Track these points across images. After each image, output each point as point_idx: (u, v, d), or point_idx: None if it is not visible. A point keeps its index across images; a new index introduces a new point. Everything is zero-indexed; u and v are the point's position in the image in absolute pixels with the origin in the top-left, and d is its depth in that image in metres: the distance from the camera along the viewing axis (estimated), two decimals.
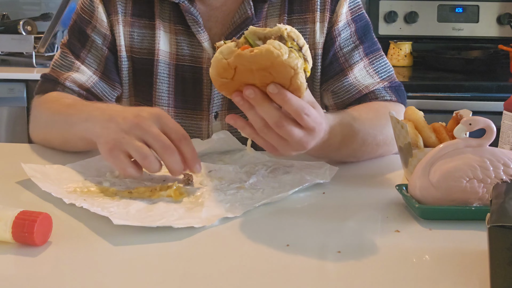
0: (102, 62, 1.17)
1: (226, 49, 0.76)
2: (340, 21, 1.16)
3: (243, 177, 0.94)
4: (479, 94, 2.23)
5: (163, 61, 1.17)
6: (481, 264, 0.66)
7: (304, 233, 0.76)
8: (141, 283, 0.63)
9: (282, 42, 0.75)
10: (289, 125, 0.78)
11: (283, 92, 0.76)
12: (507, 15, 2.76)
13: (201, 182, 0.92)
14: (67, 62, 1.18)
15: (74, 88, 1.15)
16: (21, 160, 0.92)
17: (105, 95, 1.18)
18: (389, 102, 1.15)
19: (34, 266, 0.66)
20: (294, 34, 0.76)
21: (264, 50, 0.73)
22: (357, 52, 1.17)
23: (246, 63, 0.75)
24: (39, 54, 2.42)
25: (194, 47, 1.16)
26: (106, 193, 0.85)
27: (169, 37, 1.17)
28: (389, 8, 2.78)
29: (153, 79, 1.17)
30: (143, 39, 1.18)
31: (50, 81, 1.17)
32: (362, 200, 0.89)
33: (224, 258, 0.69)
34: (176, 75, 1.17)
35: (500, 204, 0.61)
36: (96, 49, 1.17)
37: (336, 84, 1.17)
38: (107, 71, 1.17)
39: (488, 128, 0.80)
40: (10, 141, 2.36)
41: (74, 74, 1.16)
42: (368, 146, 1.04)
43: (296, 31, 0.77)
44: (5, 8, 2.83)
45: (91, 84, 1.16)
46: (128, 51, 1.18)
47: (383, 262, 0.68)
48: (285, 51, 0.74)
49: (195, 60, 1.17)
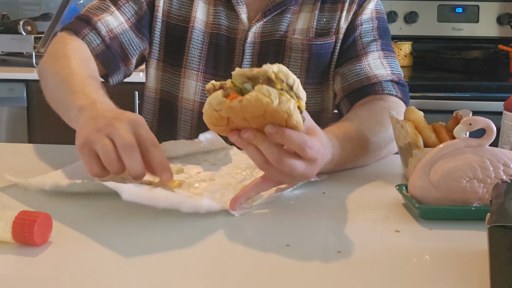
0: (139, 15, 1.23)
1: (214, 100, 0.73)
2: (365, 13, 1.23)
3: (236, 177, 0.95)
4: (479, 94, 2.23)
5: (198, 29, 1.24)
6: (481, 264, 0.66)
7: (304, 233, 0.76)
8: (141, 282, 0.63)
9: (271, 85, 0.72)
10: (289, 159, 0.76)
11: (282, 131, 0.73)
12: (507, 15, 2.76)
13: (192, 183, 0.92)
14: (103, 5, 1.22)
15: (102, 31, 1.17)
16: (21, 160, 0.92)
17: (131, 45, 1.22)
18: (393, 98, 1.16)
19: (34, 266, 0.66)
20: (282, 75, 0.72)
21: (253, 100, 0.71)
22: (375, 44, 1.22)
23: (238, 114, 0.73)
24: (39, 54, 2.42)
25: (231, 19, 1.24)
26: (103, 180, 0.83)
27: (207, 8, 1.25)
28: (389, 8, 2.78)
29: (186, 44, 1.24)
30: (181, 6, 1.25)
31: (82, 20, 1.19)
32: (362, 200, 0.89)
33: (224, 258, 0.69)
34: (210, 43, 1.24)
35: (500, 204, 0.61)
36: (135, 1, 1.23)
37: (349, 67, 1.21)
38: (139, 24, 1.23)
39: (488, 128, 0.80)
40: (10, 141, 2.36)
41: (108, 17, 1.20)
42: (371, 153, 1.04)
43: (285, 69, 0.73)
44: (5, 8, 2.83)
45: (120, 31, 1.20)
46: (165, 15, 1.25)
47: (383, 262, 0.68)
48: (275, 96, 0.71)
49: (230, 31, 1.24)
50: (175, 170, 0.98)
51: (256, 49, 1.23)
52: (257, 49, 1.23)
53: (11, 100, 2.34)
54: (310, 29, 1.23)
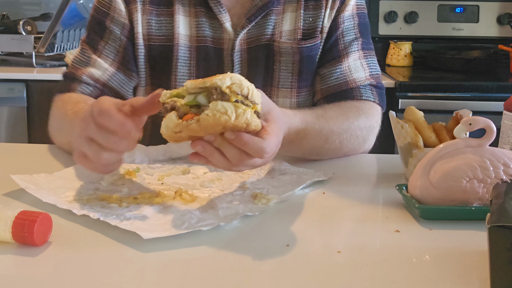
0: (120, 52, 1.19)
1: (171, 123, 0.72)
2: (347, 10, 1.21)
3: (242, 176, 0.95)
4: (479, 94, 2.24)
5: (183, 45, 1.19)
6: (481, 264, 0.66)
7: (304, 233, 0.76)
8: (141, 282, 0.63)
9: (225, 98, 0.71)
10: (249, 160, 0.78)
11: (240, 138, 0.74)
12: (507, 15, 2.76)
13: (201, 184, 0.92)
14: (85, 57, 1.19)
15: (90, 82, 1.16)
16: (21, 160, 0.92)
17: (122, 87, 1.19)
18: (370, 104, 1.17)
19: (34, 266, 0.66)
20: (236, 87, 0.72)
21: (211, 119, 0.70)
22: (356, 43, 1.21)
23: (197, 132, 0.73)
24: (39, 54, 2.42)
25: (216, 28, 1.19)
26: (110, 200, 0.84)
27: (189, 21, 1.19)
28: (389, 8, 2.78)
29: (173, 63, 1.19)
30: (161, 26, 1.19)
31: (68, 79, 1.18)
32: (362, 200, 0.89)
33: (224, 258, 0.69)
34: (197, 57, 1.19)
35: (500, 204, 0.61)
36: (114, 39, 1.19)
37: (330, 69, 1.20)
38: (125, 61, 1.19)
39: (488, 128, 0.80)
40: (10, 141, 2.36)
41: (91, 69, 1.17)
42: (331, 144, 1.05)
43: (237, 79, 0.73)
44: (5, 8, 2.83)
45: (107, 77, 1.17)
46: (146, 39, 1.19)
47: (383, 262, 0.68)
48: (231, 111, 0.71)
49: (217, 42, 1.19)
50: (181, 170, 0.98)
51: (245, 56, 1.20)
52: (246, 56, 1.20)
53: (11, 100, 2.34)
54: (297, 30, 1.20)
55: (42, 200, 0.81)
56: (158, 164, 1.01)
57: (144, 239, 0.70)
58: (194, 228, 0.74)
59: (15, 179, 0.87)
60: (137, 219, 0.77)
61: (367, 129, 1.11)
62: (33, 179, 0.89)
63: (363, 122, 1.10)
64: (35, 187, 0.86)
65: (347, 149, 1.09)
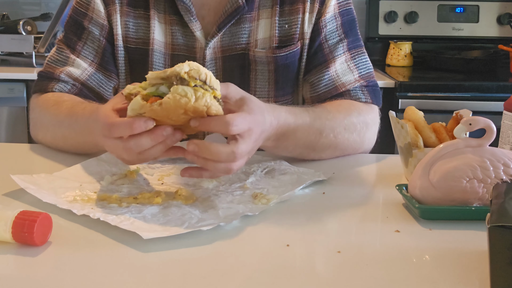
0: (99, 53, 1.18)
1: (136, 105, 0.77)
2: (328, 12, 1.18)
3: (242, 176, 0.95)
4: (479, 94, 2.24)
5: (158, 51, 1.18)
6: (481, 264, 0.66)
7: (304, 233, 0.76)
8: (141, 282, 0.63)
9: (185, 83, 0.76)
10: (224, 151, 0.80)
11: (204, 121, 0.79)
12: (507, 15, 2.76)
13: (201, 184, 0.92)
14: (62, 57, 1.18)
15: (68, 80, 1.15)
16: (21, 160, 0.92)
17: (102, 87, 1.18)
18: (361, 105, 1.15)
19: (34, 266, 0.66)
20: (194, 72, 0.77)
21: (172, 102, 0.75)
22: (341, 45, 1.18)
23: (161, 114, 0.77)
24: (39, 54, 2.42)
25: (188, 37, 1.17)
26: (110, 200, 0.84)
27: (164, 28, 1.18)
28: (389, 8, 2.78)
29: (149, 68, 1.18)
30: (138, 29, 1.18)
31: (45, 78, 1.17)
32: (362, 200, 0.89)
33: (224, 258, 0.69)
34: (172, 65, 1.16)
35: (500, 204, 0.61)
36: (93, 40, 1.18)
37: (317, 76, 1.18)
38: (104, 62, 1.18)
39: (488, 128, 0.80)
40: (10, 141, 2.36)
41: (69, 68, 1.16)
42: (326, 138, 1.03)
43: (195, 66, 0.78)
44: (5, 8, 2.83)
45: (86, 77, 1.16)
46: (124, 41, 1.19)
47: (383, 262, 0.68)
48: (191, 94, 0.75)
49: (189, 50, 1.18)
50: (181, 170, 0.97)
51: (219, 65, 1.18)
52: (220, 65, 1.18)
53: (11, 100, 2.34)
54: (272, 38, 1.17)
55: (42, 200, 0.81)
56: (158, 164, 1.01)
57: (144, 239, 0.70)
58: (194, 228, 0.74)
59: (15, 179, 0.87)
60: (137, 219, 0.77)
61: (360, 124, 1.09)
62: (33, 179, 0.89)
63: (356, 117, 1.09)
64: (35, 187, 0.86)
65: (345, 145, 1.08)
